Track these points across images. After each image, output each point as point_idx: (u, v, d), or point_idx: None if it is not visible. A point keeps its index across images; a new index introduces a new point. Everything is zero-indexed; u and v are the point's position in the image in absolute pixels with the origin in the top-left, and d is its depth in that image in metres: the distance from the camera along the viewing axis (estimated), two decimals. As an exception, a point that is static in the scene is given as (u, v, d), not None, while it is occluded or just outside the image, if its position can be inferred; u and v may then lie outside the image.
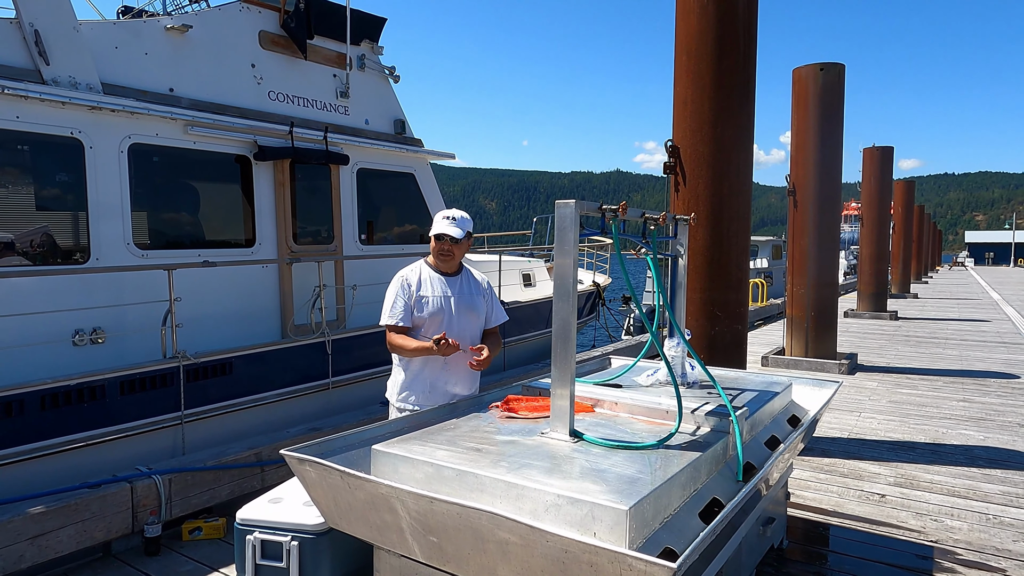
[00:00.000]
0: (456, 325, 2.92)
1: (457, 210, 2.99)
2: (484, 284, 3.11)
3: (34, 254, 4.52)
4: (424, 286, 2.93)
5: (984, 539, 3.42)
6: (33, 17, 4.46)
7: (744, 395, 2.76)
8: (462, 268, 3.07)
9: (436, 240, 2.93)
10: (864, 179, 13.50)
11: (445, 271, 2.99)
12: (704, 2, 4.48)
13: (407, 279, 2.94)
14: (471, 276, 3.09)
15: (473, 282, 3.07)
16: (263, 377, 5.31)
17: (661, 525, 1.80)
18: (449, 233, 2.88)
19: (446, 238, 2.90)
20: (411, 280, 2.93)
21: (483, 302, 3.05)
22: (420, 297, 2.91)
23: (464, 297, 2.98)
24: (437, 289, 2.93)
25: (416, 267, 3.00)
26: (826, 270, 7.94)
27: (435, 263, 2.98)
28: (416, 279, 2.94)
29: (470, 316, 2.98)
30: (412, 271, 2.98)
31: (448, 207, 8.43)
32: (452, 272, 3.00)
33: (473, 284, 3.06)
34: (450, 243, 2.90)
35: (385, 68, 7.09)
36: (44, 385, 4.02)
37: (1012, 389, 6.90)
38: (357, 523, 2.07)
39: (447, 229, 2.89)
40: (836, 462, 4.60)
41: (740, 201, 4.60)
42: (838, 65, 7.79)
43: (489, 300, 3.10)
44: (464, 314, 2.96)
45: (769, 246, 23.60)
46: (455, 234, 2.88)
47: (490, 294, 3.12)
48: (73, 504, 3.27)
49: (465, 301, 2.97)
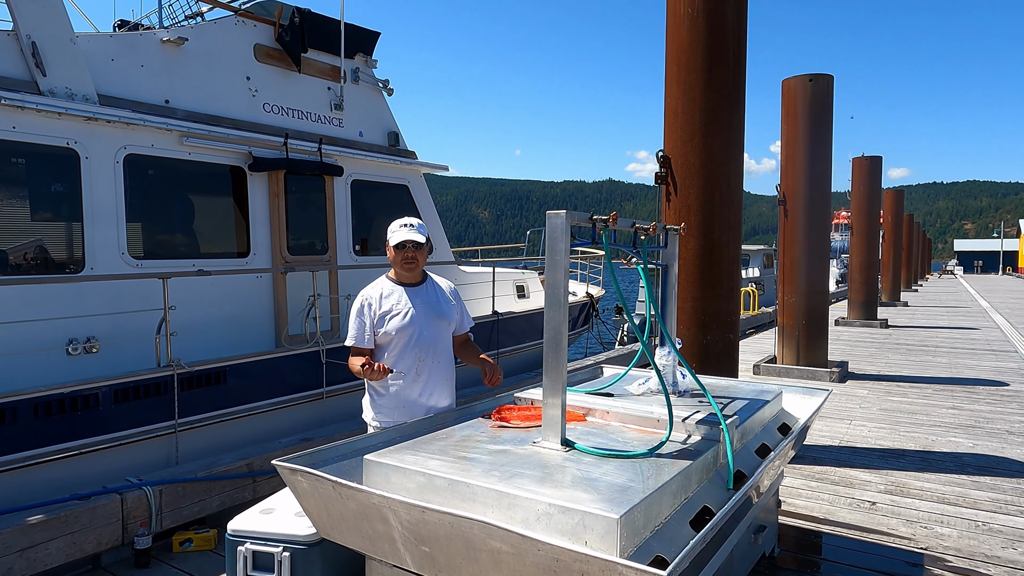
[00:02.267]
0: (427, 335, 2.86)
1: (409, 217, 2.94)
2: (450, 290, 3.04)
3: (27, 267, 4.51)
4: (386, 301, 2.86)
5: (974, 546, 3.44)
6: (30, 29, 4.49)
7: (735, 403, 2.79)
8: (426, 277, 3.00)
9: (398, 250, 2.82)
10: (854, 188, 13.64)
11: (409, 282, 2.92)
12: (694, 14, 4.54)
13: (368, 298, 2.88)
14: (436, 284, 3.02)
15: (439, 289, 3.00)
16: (257, 386, 5.30)
17: (652, 533, 1.82)
18: (412, 239, 2.81)
19: (409, 244, 2.82)
20: (372, 298, 2.87)
21: (452, 309, 2.99)
22: (384, 314, 2.84)
23: (432, 305, 2.91)
24: (402, 302, 2.86)
25: (377, 284, 2.94)
26: (817, 279, 8.01)
27: (398, 275, 2.92)
28: (378, 296, 2.88)
29: (440, 324, 2.92)
30: (373, 288, 2.92)
31: (441, 216, 8.46)
32: (416, 282, 2.94)
33: (439, 291, 2.99)
34: (414, 249, 2.83)
35: (379, 81, 7.15)
36: (38, 393, 4.00)
37: (1001, 396, 6.96)
38: (349, 533, 2.07)
39: (409, 235, 2.81)
40: (827, 470, 4.63)
41: (731, 210, 4.65)
42: (827, 76, 7.90)
43: (458, 306, 3.03)
44: (433, 323, 2.89)
45: (760, 255, 23.73)
46: (417, 239, 2.82)
47: (458, 300, 3.05)
48: (63, 516, 3.25)
49: (434, 309, 2.91)
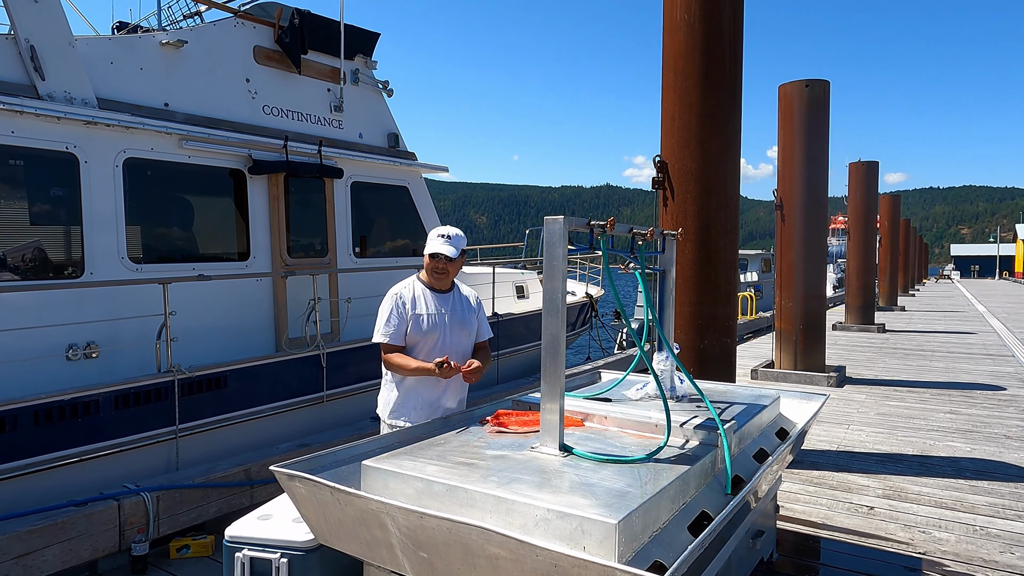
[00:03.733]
0: (450, 342, 2.93)
1: (452, 227, 2.99)
2: (474, 300, 3.13)
3: (25, 269, 4.50)
4: (419, 304, 2.93)
5: (971, 550, 3.45)
6: (29, 33, 4.49)
7: (732, 408, 2.79)
8: (453, 284, 3.09)
9: (431, 259, 2.93)
10: (850, 193, 13.69)
11: (438, 288, 2.99)
12: (690, 21, 4.56)
13: (401, 296, 2.93)
14: (462, 293, 3.10)
15: (464, 299, 3.09)
16: (258, 391, 5.29)
17: (650, 539, 1.82)
18: (444, 252, 2.89)
19: (441, 257, 2.90)
20: (405, 298, 2.93)
21: (474, 318, 3.07)
22: (415, 315, 2.90)
23: (457, 314, 2.99)
24: (431, 307, 2.94)
25: (409, 283, 3.00)
26: (814, 283, 8.03)
27: (428, 280, 2.99)
28: (410, 296, 2.94)
29: (462, 333, 3.00)
30: (406, 288, 2.98)
31: (440, 221, 8.48)
32: (445, 289, 3.02)
33: (465, 301, 3.08)
34: (445, 262, 2.91)
35: (379, 82, 7.15)
36: (37, 400, 3.99)
37: (998, 401, 6.97)
38: (347, 539, 2.07)
39: (442, 248, 2.89)
40: (825, 475, 4.63)
41: (728, 215, 4.66)
42: (823, 81, 7.94)
43: (479, 315, 3.12)
44: (457, 331, 2.97)
45: (758, 260, 23.79)
46: (450, 253, 2.89)
47: (480, 310, 3.14)
48: (59, 522, 3.24)
49: (458, 318, 2.99)
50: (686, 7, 4.56)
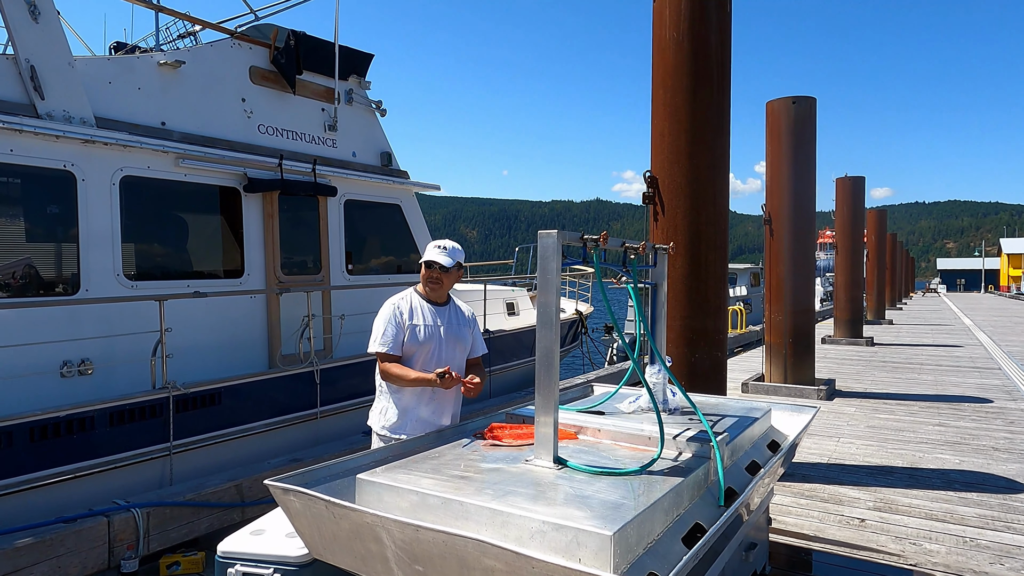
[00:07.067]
0: (445, 355, 2.96)
1: (450, 241, 3.04)
2: (470, 315, 3.16)
3: (16, 286, 4.48)
4: (416, 315, 2.96)
5: (962, 562, 3.47)
6: (29, 53, 4.53)
7: (725, 421, 2.82)
8: (449, 299, 3.12)
9: (426, 268, 2.97)
10: (837, 208, 13.87)
11: (434, 300, 3.02)
12: (679, 38, 4.66)
13: (399, 307, 2.96)
14: (458, 307, 3.14)
15: (460, 313, 3.11)
16: (252, 407, 5.28)
17: (645, 550, 1.83)
18: (438, 261, 2.93)
19: (435, 266, 2.94)
20: (403, 308, 2.96)
21: (469, 333, 3.10)
22: (412, 326, 2.93)
23: (452, 328, 3.02)
24: (428, 318, 2.97)
25: (407, 295, 3.03)
26: (802, 297, 8.11)
27: (424, 291, 3.03)
28: (408, 308, 2.97)
29: (457, 347, 3.02)
30: (403, 299, 3.00)
31: (432, 237, 8.53)
32: (441, 302, 3.05)
33: (460, 315, 3.11)
34: (439, 271, 2.95)
35: (372, 102, 7.23)
36: (32, 417, 3.97)
37: (986, 413, 7.05)
38: (341, 553, 2.07)
39: (436, 257, 2.94)
40: (816, 487, 4.66)
41: (717, 230, 4.73)
42: (809, 98, 8.10)
43: (474, 331, 3.14)
44: (452, 344, 3.00)
45: (748, 274, 23.96)
46: (444, 262, 2.93)
47: (475, 326, 3.16)
48: (48, 539, 3.20)
49: (453, 331, 3.01)
50: (675, 26, 4.66)
